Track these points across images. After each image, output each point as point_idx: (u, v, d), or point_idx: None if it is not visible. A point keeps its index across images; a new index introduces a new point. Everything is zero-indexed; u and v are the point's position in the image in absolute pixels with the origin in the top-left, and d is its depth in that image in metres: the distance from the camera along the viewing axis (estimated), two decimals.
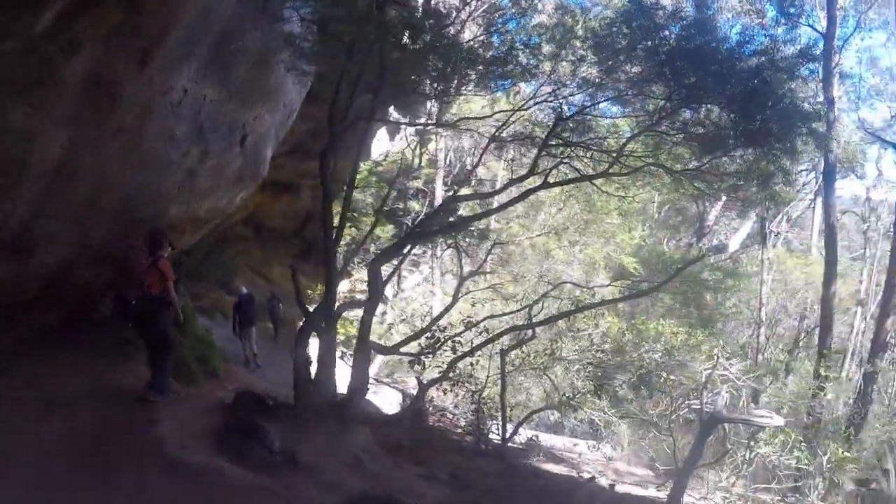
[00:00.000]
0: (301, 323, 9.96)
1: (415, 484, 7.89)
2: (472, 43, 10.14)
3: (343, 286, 25.25)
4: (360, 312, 10.77)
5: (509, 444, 11.60)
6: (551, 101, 10.22)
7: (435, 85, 10.39)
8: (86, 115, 7.28)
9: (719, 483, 11.55)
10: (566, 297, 13.77)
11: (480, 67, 9.85)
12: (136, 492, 5.88)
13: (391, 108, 24.56)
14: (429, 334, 10.98)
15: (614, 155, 9.60)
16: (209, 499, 5.97)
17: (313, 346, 9.38)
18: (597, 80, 9.66)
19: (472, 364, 11.70)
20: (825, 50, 17.37)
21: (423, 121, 21.40)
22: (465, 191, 19.85)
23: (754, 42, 9.33)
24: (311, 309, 10.08)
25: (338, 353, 21.71)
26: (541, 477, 10.49)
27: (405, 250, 10.85)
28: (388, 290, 24.55)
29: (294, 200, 22.40)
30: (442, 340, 10.85)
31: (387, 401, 16.57)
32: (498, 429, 12.18)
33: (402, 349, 10.59)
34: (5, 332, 9.36)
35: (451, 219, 10.95)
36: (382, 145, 24.50)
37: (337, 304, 9.67)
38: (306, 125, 15.38)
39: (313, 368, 8.97)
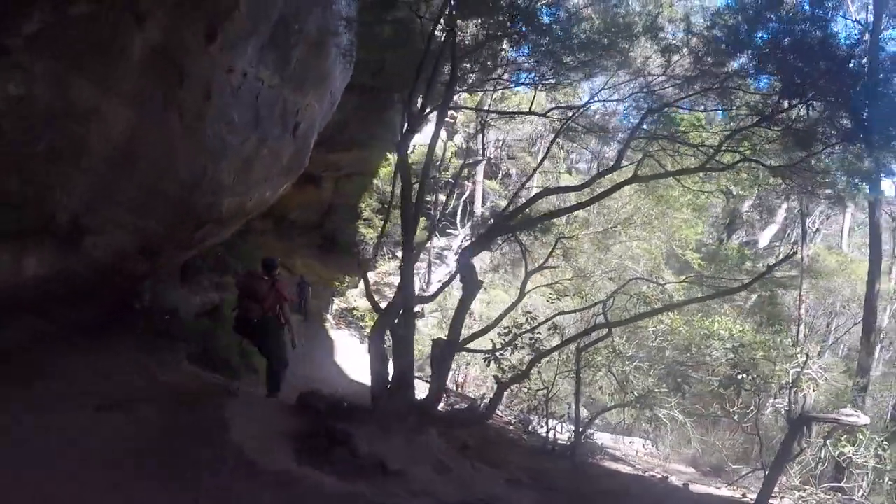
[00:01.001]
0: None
1: (501, 489, 7.23)
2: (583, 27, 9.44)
3: (369, 276, 24.66)
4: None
5: (563, 443, 10.91)
6: (641, 92, 9.63)
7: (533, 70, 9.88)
8: (150, 92, 6.64)
9: (791, 483, 10.87)
10: (634, 294, 12.97)
11: (585, 55, 9.25)
12: (226, 501, 5.18)
13: (419, 98, 23.99)
14: (504, 329, 10.35)
15: (712, 150, 8.95)
16: None
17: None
18: (689, 73, 9.04)
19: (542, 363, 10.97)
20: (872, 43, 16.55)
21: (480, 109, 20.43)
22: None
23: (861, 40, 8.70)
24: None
25: (366, 347, 21.24)
26: (614, 477, 9.84)
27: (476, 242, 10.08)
28: (416, 284, 23.92)
29: (316, 192, 21.65)
30: (516, 336, 10.17)
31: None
32: (551, 427, 11.46)
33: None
34: (48, 325, 8.73)
35: (516, 212, 10.24)
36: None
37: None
38: (336, 116, 14.64)
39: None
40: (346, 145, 18.99)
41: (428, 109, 9.30)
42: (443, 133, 25.80)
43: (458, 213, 25.62)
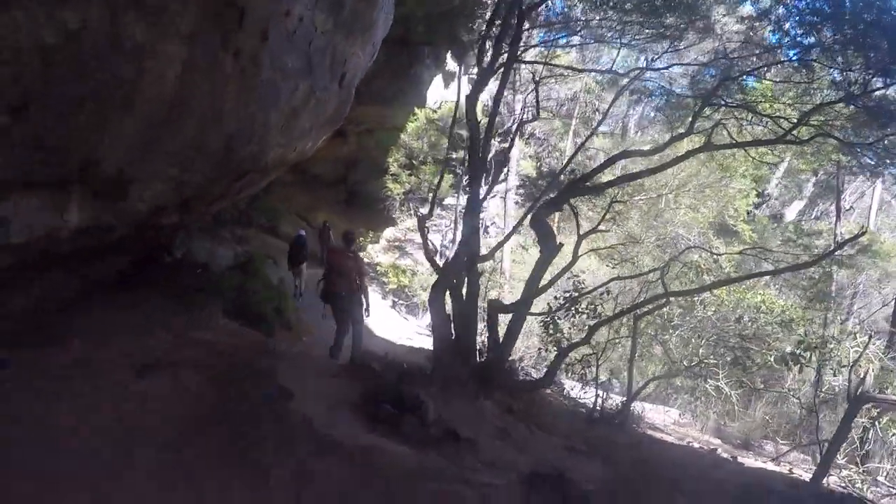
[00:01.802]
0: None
1: (564, 457, 6.77)
2: None
3: (388, 233, 24.07)
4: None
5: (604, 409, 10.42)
6: (720, 59, 9.00)
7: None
8: (206, 32, 6.00)
9: (838, 461, 10.43)
10: (687, 262, 12.27)
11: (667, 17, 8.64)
12: (302, 480, 4.67)
13: (448, 55, 23.15)
14: (566, 293, 9.83)
15: (785, 121, 8.39)
16: (389, 486, 4.78)
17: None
18: (768, 43, 8.46)
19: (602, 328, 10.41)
20: None
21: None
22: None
23: None
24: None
25: (388, 303, 20.74)
26: (665, 448, 9.40)
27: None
28: (437, 241, 23.37)
29: (340, 146, 21.04)
30: (576, 300, 9.62)
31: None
32: (598, 394, 10.93)
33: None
34: (76, 280, 8.23)
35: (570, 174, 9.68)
36: (437, 92, 22.96)
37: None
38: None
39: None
40: (373, 99, 18.35)
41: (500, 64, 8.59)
42: (466, 89, 24.90)
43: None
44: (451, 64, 22.52)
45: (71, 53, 4.75)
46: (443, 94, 23.38)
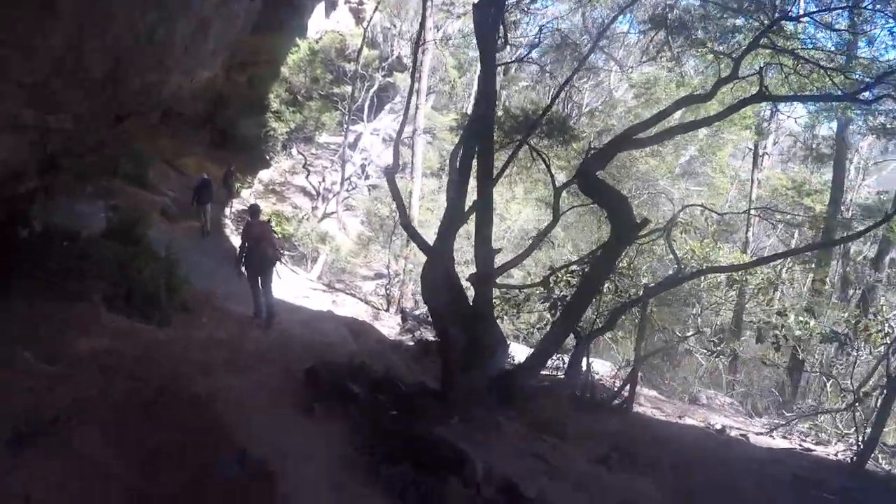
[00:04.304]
0: None
1: (599, 473, 4.91)
2: None
3: (264, 176, 21.17)
4: None
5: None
6: None
7: None
8: None
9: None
10: (688, 223, 10.25)
11: None
12: None
13: None
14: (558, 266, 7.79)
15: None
16: None
17: None
18: None
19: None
20: None
21: None
22: None
23: None
24: None
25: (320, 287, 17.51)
26: (677, 433, 7.68)
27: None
28: (316, 182, 20.68)
29: (208, 80, 17.51)
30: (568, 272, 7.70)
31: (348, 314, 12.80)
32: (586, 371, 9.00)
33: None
34: None
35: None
36: (318, 22, 19.78)
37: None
38: None
39: None
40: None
41: None
42: (349, 20, 22.01)
43: (366, 106, 22.07)
44: None
45: None
46: (324, 24, 20.33)
